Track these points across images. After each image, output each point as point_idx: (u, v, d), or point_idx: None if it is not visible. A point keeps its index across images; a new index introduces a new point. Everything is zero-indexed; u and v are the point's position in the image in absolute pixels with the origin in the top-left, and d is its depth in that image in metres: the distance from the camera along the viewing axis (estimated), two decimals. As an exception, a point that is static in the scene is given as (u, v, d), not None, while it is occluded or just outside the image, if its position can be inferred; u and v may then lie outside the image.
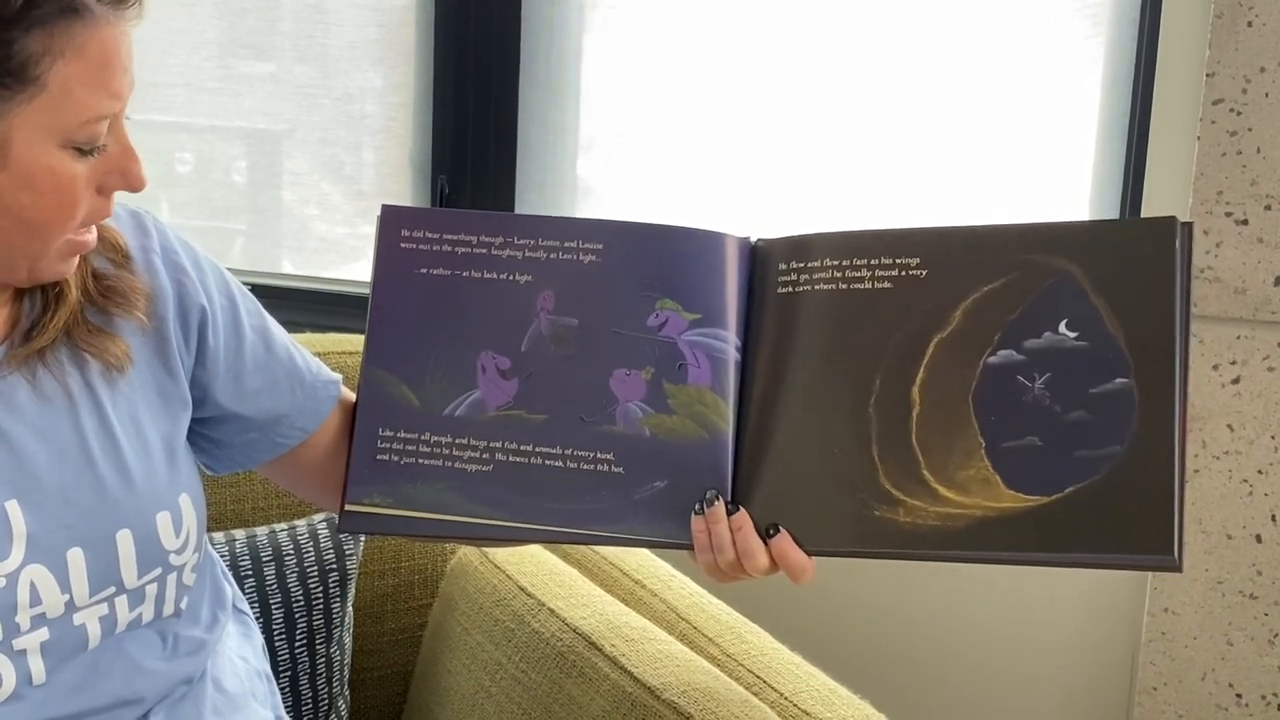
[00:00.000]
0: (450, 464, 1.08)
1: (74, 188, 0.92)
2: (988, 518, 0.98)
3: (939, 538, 0.99)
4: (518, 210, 2.17)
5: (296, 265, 2.32)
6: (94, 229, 0.98)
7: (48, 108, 0.89)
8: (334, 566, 1.42)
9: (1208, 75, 1.66)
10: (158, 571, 1.03)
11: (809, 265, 1.07)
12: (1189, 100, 1.73)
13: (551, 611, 1.31)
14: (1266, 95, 1.64)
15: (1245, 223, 1.67)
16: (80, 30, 0.88)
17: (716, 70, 2.05)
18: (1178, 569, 0.95)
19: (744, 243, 1.11)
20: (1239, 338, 1.69)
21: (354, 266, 2.28)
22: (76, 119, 0.90)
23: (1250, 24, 1.64)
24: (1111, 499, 0.96)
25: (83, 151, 0.92)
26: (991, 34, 1.93)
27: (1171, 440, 0.95)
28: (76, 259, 0.98)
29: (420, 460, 1.09)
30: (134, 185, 0.96)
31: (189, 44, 2.26)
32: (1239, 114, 1.66)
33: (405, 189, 2.24)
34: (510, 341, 1.09)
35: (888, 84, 1.98)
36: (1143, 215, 1.84)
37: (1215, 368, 1.71)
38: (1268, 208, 1.66)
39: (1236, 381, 1.70)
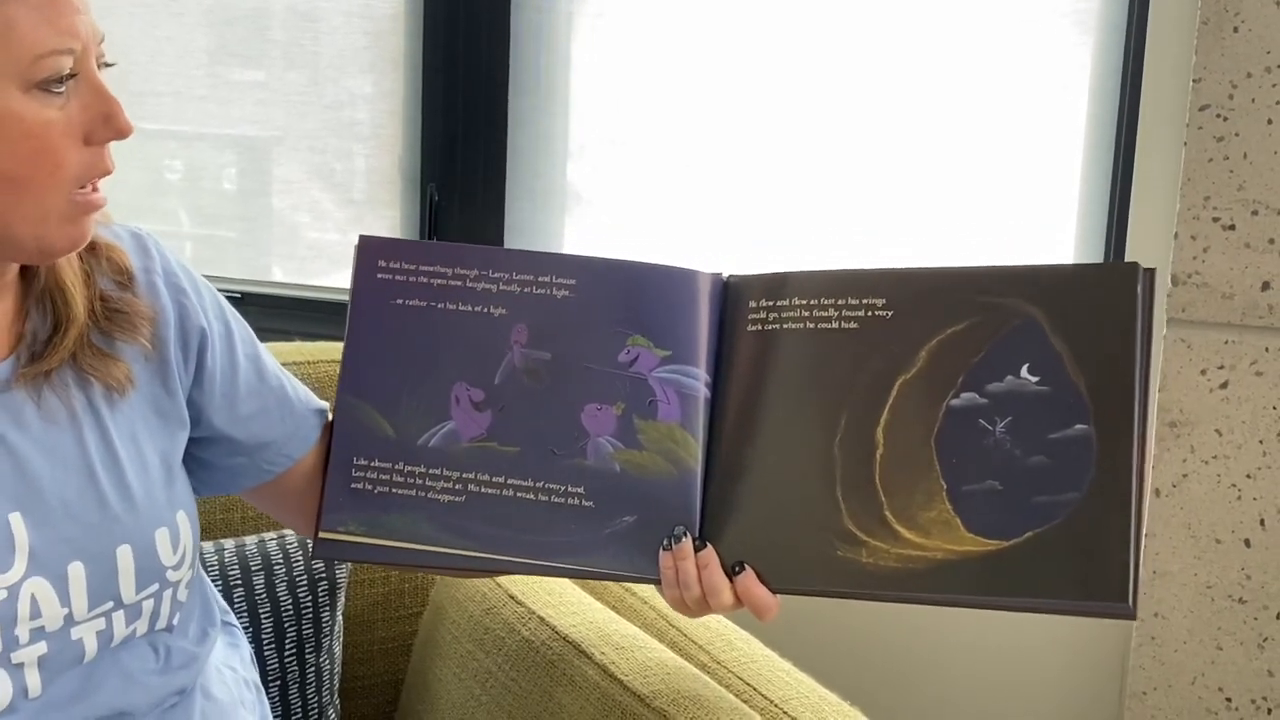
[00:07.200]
0: (424, 494, 1.09)
1: (48, 135, 0.91)
2: (948, 560, 0.98)
3: (900, 579, 0.99)
4: (507, 217, 2.17)
5: (287, 273, 2.32)
6: (99, 188, 0.97)
7: None
8: (323, 575, 1.42)
9: (1194, 81, 1.66)
10: (155, 587, 1.04)
11: (778, 304, 1.08)
12: (1176, 106, 1.74)
13: (541, 619, 1.31)
14: (1253, 101, 1.65)
15: (1232, 228, 1.67)
16: None
17: (705, 76, 2.06)
18: (1132, 617, 0.95)
19: (716, 278, 1.11)
20: (1227, 343, 1.69)
21: (345, 273, 2.26)
22: (27, 55, 0.89)
23: (1236, 29, 1.64)
24: (1068, 545, 0.96)
25: (51, 94, 0.91)
26: (979, 40, 1.93)
27: (1129, 488, 0.95)
28: (89, 222, 0.97)
29: (394, 490, 1.10)
30: (120, 130, 0.95)
31: (178, 51, 2.26)
32: (1225, 119, 1.66)
33: (395, 196, 2.23)
34: (484, 374, 1.10)
35: (877, 86, 1.98)
36: (1130, 222, 1.85)
37: (1203, 372, 1.71)
38: (1255, 213, 1.66)
39: (1224, 386, 1.70)
